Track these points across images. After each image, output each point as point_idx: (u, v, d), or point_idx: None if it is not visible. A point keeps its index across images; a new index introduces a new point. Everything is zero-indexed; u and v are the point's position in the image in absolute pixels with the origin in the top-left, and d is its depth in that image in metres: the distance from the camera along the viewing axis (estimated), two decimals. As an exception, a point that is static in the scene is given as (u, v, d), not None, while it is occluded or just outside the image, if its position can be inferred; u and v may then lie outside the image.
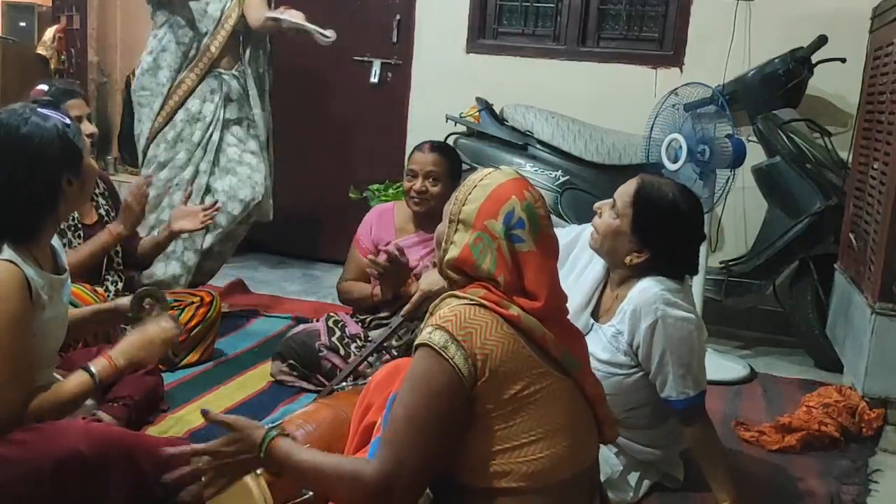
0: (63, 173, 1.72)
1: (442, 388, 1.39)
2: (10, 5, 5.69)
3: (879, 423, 2.63)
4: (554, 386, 1.47)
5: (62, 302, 1.83)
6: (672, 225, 2.00)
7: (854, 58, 3.36)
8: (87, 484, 1.64)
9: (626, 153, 3.65)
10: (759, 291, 3.51)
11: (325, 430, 1.91)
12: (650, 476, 2.15)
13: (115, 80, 5.37)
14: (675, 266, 2.06)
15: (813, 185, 3.32)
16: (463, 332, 1.41)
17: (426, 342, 1.42)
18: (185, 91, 3.51)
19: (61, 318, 1.84)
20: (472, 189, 1.51)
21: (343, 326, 2.81)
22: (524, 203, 1.49)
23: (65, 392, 1.76)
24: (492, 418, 1.42)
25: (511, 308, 1.44)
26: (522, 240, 1.47)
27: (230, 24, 3.52)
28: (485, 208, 1.48)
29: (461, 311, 1.43)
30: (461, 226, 1.50)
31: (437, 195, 2.70)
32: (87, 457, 1.63)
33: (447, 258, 1.52)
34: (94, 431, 1.71)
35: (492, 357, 1.41)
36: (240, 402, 2.64)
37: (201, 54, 3.51)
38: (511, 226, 1.47)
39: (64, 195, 1.74)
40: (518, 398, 1.42)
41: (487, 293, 1.45)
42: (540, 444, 1.43)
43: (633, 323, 1.99)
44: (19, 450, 1.61)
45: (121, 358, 1.84)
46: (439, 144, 2.85)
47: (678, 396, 1.98)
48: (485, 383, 1.40)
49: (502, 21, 4.30)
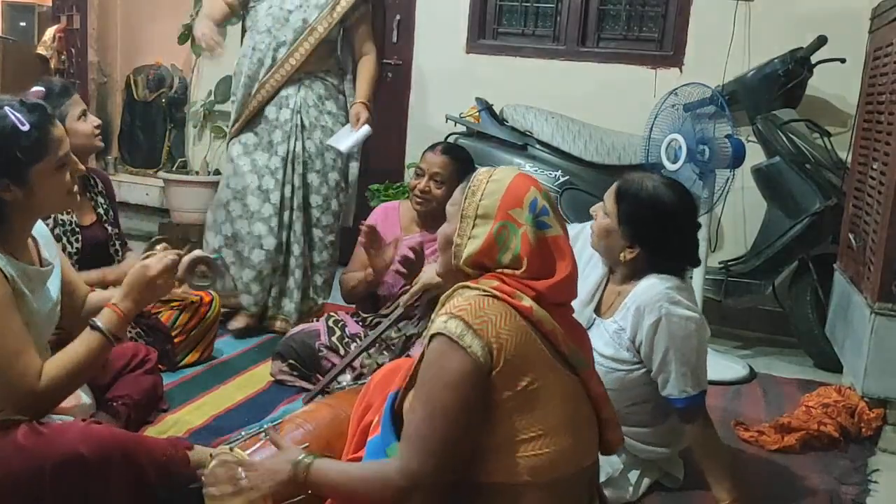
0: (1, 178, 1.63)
1: (461, 378, 1.39)
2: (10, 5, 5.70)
3: (879, 423, 2.63)
4: (561, 382, 1.48)
5: (48, 296, 1.78)
6: (656, 215, 2.01)
7: (854, 58, 3.36)
8: (88, 485, 1.64)
9: (626, 153, 3.65)
10: (758, 291, 3.51)
11: (325, 430, 1.90)
12: (650, 475, 2.16)
13: (115, 80, 5.37)
14: (672, 259, 2.06)
15: (812, 185, 3.32)
16: (479, 320, 1.41)
17: (442, 331, 1.41)
18: (263, 98, 3.34)
19: (47, 311, 1.79)
20: (484, 185, 1.52)
21: (343, 326, 2.81)
22: (542, 193, 1.53)
23: (74, 353, 1.69)
24: (508, 409, 1.42)
25: (524, 300, 1.45)
26: (549, 225, 1.50)
27: (314, 37, 3.30)
28: (506, 199, 1.50)
29: (476, 301, 1.43)
30: (480, 220, 1.51)
31: (439, 197, 2.71)
32: (87, 458, 1.62)
33: (467, 253, 1.51)
34: (93, 433, 1.69)
35: (506, 347, 1.41)
36: (240, 402, 2.64)
37: (279, 64, 3.31)
38: (538, 212, 1.50)
39: (6, 201, 1.64)
40: (528, 391, 1.43)
41: (501, 284, 1.46)
42: (544, 440, 1.43)
43: (636, 320, 1.99)
44: (19, 452, 1.60)
45: (125, 303, 1.77)
46: (452, 147, 2.85)
47: (679, 395, 1.98)
48: (500, 373, 1.41)
49: (502, 21, 4.30)
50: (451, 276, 1.56)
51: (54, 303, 1.83)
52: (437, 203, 2.72)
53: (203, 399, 2.63)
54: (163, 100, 5.20)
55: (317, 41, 3.30)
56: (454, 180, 2.71)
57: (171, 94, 5.20)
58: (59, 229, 2.60)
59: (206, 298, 2.94)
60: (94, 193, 2.79)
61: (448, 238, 1.56)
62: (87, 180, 2.78)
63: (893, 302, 2.59)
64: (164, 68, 5.23)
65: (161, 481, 1.72)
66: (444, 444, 1.38)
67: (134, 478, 1.69)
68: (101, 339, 1.73)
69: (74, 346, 1.72)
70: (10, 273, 1.64)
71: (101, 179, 2.89)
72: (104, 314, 1.76)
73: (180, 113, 5.16)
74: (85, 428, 1.71)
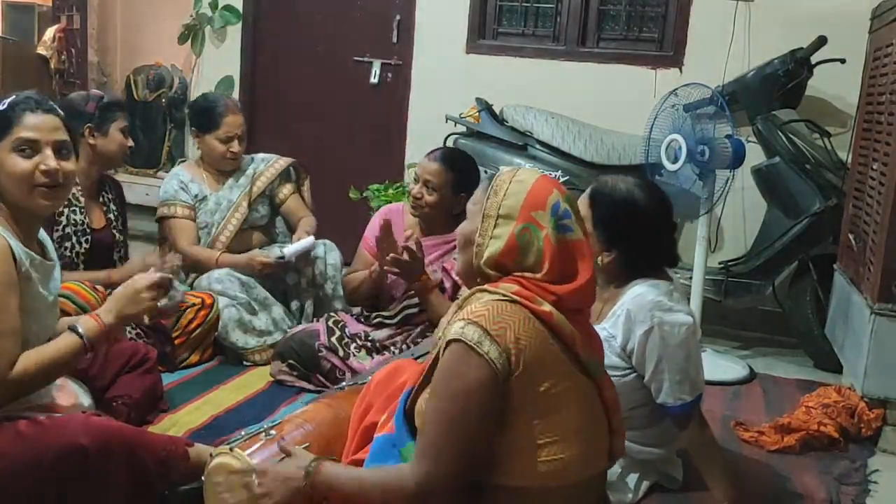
0: None
1: (478, 384, 1.38)
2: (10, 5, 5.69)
3: (878, 423, 2.63)
4: (577, 387, 1.47)
5: (50, 290, 1.80)
6: (628, 217, 2.00)
7: (854, 58, 3.36)
8: (89, 477, 1.64)
9: (626, 154, 3.65)
10: (758, 292, 3.51)
11: (325, 430, 1.90)
12: (649, 476, 2.15)
13: (115, 80, 5.38)
14: (648, 260, 2.03)
15: (812, 185, 3.32)
16: (497, 326, 1.40)
17: (459, 338, 1.40)
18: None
19: (49, 304, 1.81)
20: (507, 185, 1.52)
21: (343, 326, 2.81)
22: (565, 196, 1.52)
23: (49, 351, 1.70)
24: (526, 413, 1.42)
25: (543, 305, 1.44)
26: (571, 229, 1.50)
27: (240, 213, 3.23)
28: (529, 201, 1.49)
29: (493, 306, 1.42)
30: (502, 220, 1.50)
31: (431, 204, 2.73)
32: (88, 450, 1.63)
33: (489, 253, 1.50)
34: (95, 425, 1.70)
35: (525, 352, 1.40)
36: (240, 402, 2.64)
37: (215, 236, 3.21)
38: (560, 216, 1.49)
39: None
40: (547, 395, 1.42)
41: (521, 288, 1.45)
42: (559, 446, 1.43)
43: (626, 328, 1.98)
44: (20, 443, 1.61)
45: (108, 315, 1.79)
46: (450, 154, 2.84)
47: (675, 402, 1.97)
48: (518, 378, 1.40)
49: (502, 21, 4.30)
50: (471, 276, 1.55)
51: (55, 298, 1.85)
52: (429, 209, 2.73)
53: (203, 399, 2.62)
54: (163, 100, 5.21)
55: (241, 218, 3.21)
56: (448, 188, 2.72)
57: (171, 94, 5.20)
58: (70, 228, 2.69)
59: (208, 300, 2.93)
60: (108, 199, 2.85)
61: (468, 237, 1.55)
62: (102, 185, 2.87)
63: (893, 302, 2.59)
64: (164, 68, 5.23)
65: (160, 476, 1.73)
66: (460, 451, 1.38)
67: (134, 471, 1.70)
68: (77, 342, 1.74)
69: (50, 345, 1.73)
70: (19, 255, 1.66)
71: (114, 186, 2.97)
72: (85, 320, 1.78)
73: (180, 113, 5.15)
74: (86, 419, 1.72)
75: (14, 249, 1.66)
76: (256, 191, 3.28)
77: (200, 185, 3.24)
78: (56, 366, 1.72)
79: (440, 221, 2.80)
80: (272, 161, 3.38)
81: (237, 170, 3.29)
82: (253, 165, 3.33)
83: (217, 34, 4.77)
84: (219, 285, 3.00)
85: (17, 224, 1.75)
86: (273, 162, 3.38)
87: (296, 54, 4.70)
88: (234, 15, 4.69)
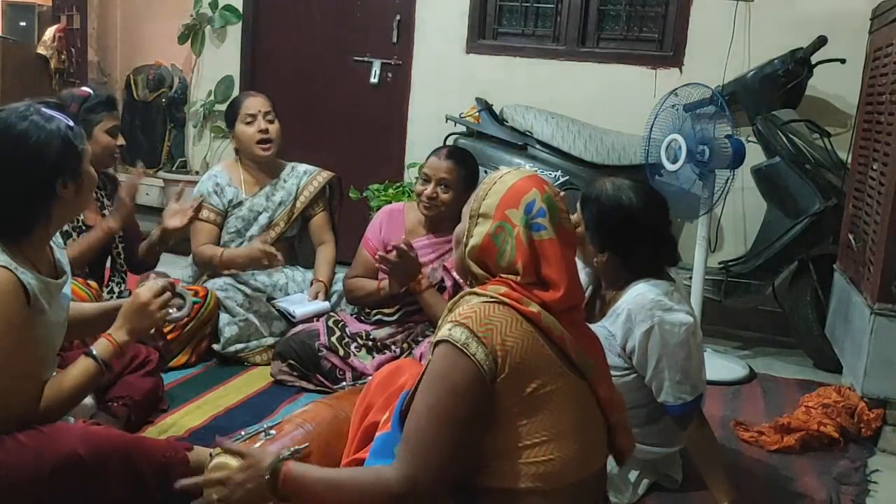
0: (59, 176, 1.68)
1: (464, 385, 1.38)
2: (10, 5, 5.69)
3: (878, 423, 2.63)
4: (569, 387, 1.47)
5: (61, 306, 1.81)
6: (618, 219, 1.99)
7: (854, 58, 3.36)
8: (86, 487, 1.64)
9: (626, 153, 3.65)
10: (758, 292, 3.51)
11: (325, 430, 1.90)
12: (649, 476, 2.15)
13: (115, 80, 5.38)
14: (644, 261, 2.03)
15: (812, 185, 3.32)
16: (483, 328, 1.40)
17: (446, 338, 1.41)
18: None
19: (61, 321, 1.82)
20: (491, 185, 1.53)
21: (343, 326, 2.81)
22: (545, 195, 1.50)
23: (68, 381, 1.74)
24: (513, 415, 1.41)
25: (531, 306, 1.44)
26: (543, 227, 1.48)
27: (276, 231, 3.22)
28: (505, 200, 1.50)
29: (481, 308, 1.43)
30: (481, 219, 1.51)
31: (447, 202, 2.72)
32: (85, 460, 1.62)
33: (469, 247, 1.52)
34: (92, 434, 1.70)
35: (512, 353, 1.40)
36: (240, 402, 2.64)
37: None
38: (532, 214, 1.48)
39: (59, 198, 1.69)
40: (535, 396, 1.42)
41: (509, 290, 1.45)
42: (550, 446, 1.43)
43: (626, 327, 1.98)
44: (18, 453, 1.60)
45: (120, 333, 1.82)
46: (457, 152, 2.84)
47: (675, 402, 1.98)
48: (505, 379, 1.40)
49: (502, 21, 4.30)
50: (464, 275, 1.58)
51: (66, 310, 1.85)
52: (445, 208, 2.72)
53: (203, 399, 2.63)
54: (163, 100, 5.21)
55: (277, 235, 3.21)
56: (461, 184, 2.72)
57: (171, 94, 5.20)
58: (66, 226, 2.65)
59: (201, 293, 2.89)
60: (101, 195, 2.84)
61: (458, 237, 1.58)
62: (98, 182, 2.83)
63: (893, 302, 2.59)
64: (164, 68, 5.24)
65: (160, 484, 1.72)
66: (445, 452, 1.37)
67: (132, 480, 1.70)
68: (93, 366, 1.77)
69: (70, 372, 1.76)
70: (33, 291, 1.64)
71: (109, 181, 2.95)
72: (100, 343, 1.81)
73: (180, 113, 5.16)
74: (85, 429, 1.72)
75: (26, 285, 1.63)
76: (300, 206, 3.26)
77: (237, 188, 3.20)
78: (78, 391, 1.77)
79: (451, 220, 2.80)
80: (314, 174, 3.32)
81: (276, 178, 3.24)
82: (294, 177, 3.28)
83: (217, 34, 4.77)
84: (222, 293, 2.99)
85: (37, 243, 1.72)
86: (315, 175, 3.32)
87: (296, 54, 4.70)
88: (234, 15, 4.69)
